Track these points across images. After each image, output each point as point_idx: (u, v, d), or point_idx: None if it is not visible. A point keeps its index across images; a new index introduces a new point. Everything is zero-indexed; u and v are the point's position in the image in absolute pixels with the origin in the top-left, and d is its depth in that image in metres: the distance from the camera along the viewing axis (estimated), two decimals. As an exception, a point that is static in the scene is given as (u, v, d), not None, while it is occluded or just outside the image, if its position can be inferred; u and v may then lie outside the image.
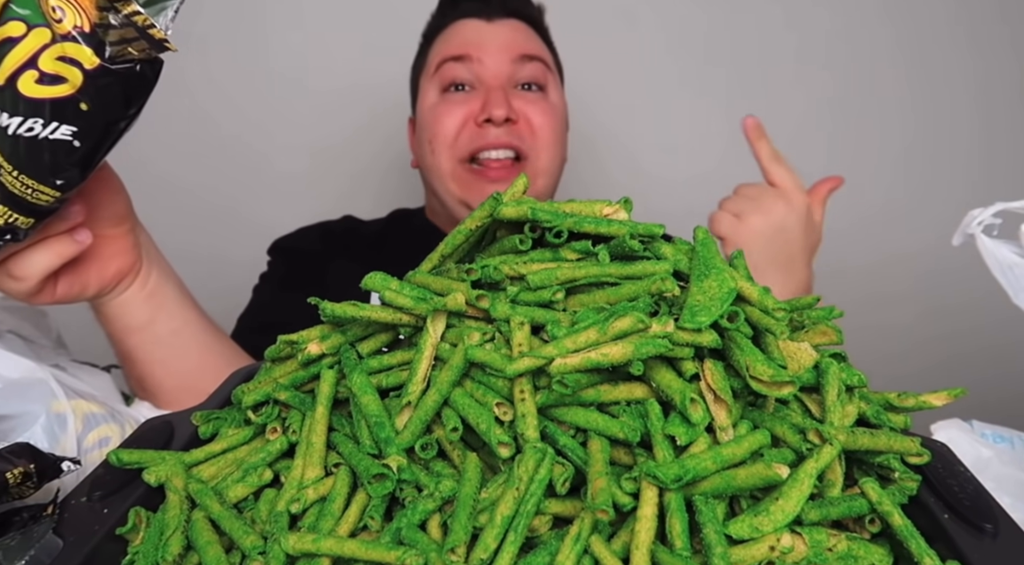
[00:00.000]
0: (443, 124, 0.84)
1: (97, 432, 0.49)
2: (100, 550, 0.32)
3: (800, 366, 0.36)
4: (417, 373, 0.35)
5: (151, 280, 0.60)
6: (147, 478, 0.36)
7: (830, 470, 0.33)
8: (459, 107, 0.84)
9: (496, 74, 0.84)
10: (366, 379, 0.36)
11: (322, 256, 0.93)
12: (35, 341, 0.57)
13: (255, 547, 0.32)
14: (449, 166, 0.85)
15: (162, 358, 0.61)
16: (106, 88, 0.41)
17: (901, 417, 0.38)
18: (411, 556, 0.29)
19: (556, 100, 0.90)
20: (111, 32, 0.40)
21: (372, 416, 0.35)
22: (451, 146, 0.85)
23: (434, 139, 0.86)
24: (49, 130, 0.41)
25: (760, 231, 0.73)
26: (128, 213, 0.57)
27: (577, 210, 0.40)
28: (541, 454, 0.31)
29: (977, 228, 0.53)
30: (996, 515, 0.32)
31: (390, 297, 0.37)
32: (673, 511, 0.30)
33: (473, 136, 0.83)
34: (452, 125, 0.84)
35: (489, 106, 0.82)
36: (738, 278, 0.36)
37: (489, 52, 0.84)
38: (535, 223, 0.39)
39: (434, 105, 0.87)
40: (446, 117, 0.84)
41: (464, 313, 0.37)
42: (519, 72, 0.86)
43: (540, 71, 0.88)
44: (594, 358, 0.32)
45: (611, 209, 0.40)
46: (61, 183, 0.43)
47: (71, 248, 0.50)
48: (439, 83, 0.86)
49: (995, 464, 0.51)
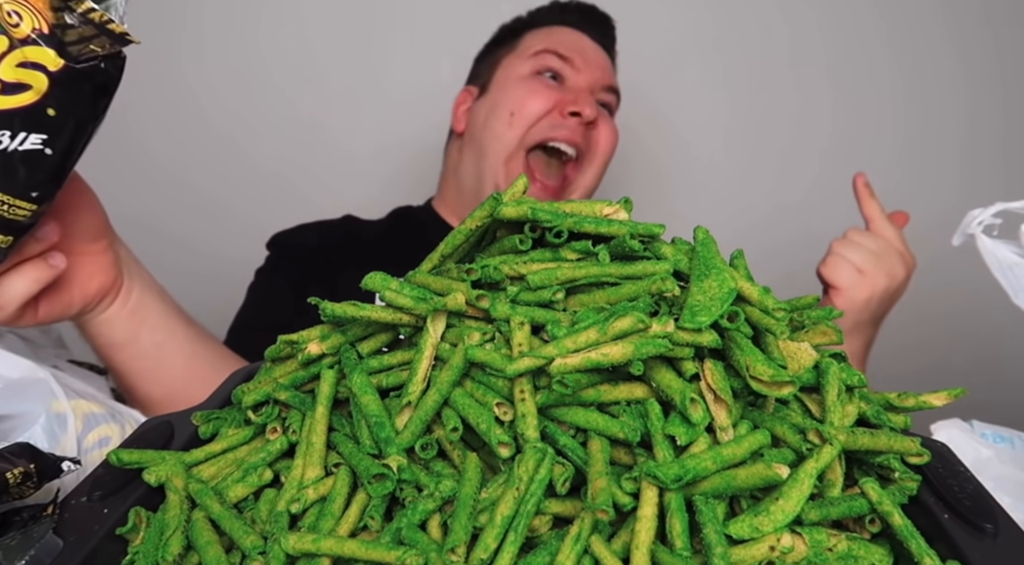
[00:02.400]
0: (532, 101, 0.88)
1: (97, 432, 0.49)
2: (100, 550, 0.32)
3: (800, 366, 0.36)
4: (417, 373, 0.35)
5: (133, 296, 0.59)
6: (147, 478, 0.36)
7: (830, 470, 0.33)
8: (552, 92, 0.89)
9: (590, 83, 0.91)
10: (366, 379, 0.36)
11: (320, 253, 0.93)
12: (35, 341, 0.58)
13: (255, 547, 0.32)
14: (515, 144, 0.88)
15: (148, 370, 0.60)
16: (73, 89, 0.40)
17: (901, 417, 0.38)
18: (411, 556, 0.29)
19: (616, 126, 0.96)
20: (69, 32, 0.39)
21: (372, 416, 0.35)
22: (532, 125, 0.88)
23: (519, 112, 0.88)
24: (18, 141, 0.40)
25: (880, 292, 0.73)
26: (105, 228, 0.57)
27: (577, 210, 0.40)
28: (541, 454, 0.31)
29: (977, 228, 0.53)
30: (996, 515, 0.32)
31: (390, 297, 0.37)
32: (673, 511, 0.30)
33: (554, 124, 0.88)
34: (540, 106, 0.88)
35: (582, 103, 0.87)
36: (738, 278, 0.36)
37: (590, 65, 0.91)
38: (535, 223, 0.39)
39: (525, 79, 0.90)
40: (537, 96, 0.88)
41: (464, 313, 0.37)
42: (603, 93, 0.94)
43: (614, 101, 0.97)
44: (594, 358, 0.32)
45: (611, 209, 0.40)
46: (36, 195, 0.42)
47: (46, 273, 0.49)
48: (533, 66, 0.91)
49: (995, 464, 0.51)
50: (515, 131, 0.88)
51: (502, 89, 0.92)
